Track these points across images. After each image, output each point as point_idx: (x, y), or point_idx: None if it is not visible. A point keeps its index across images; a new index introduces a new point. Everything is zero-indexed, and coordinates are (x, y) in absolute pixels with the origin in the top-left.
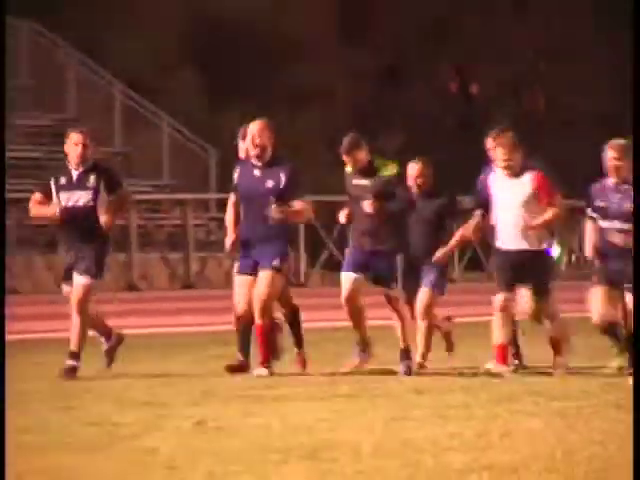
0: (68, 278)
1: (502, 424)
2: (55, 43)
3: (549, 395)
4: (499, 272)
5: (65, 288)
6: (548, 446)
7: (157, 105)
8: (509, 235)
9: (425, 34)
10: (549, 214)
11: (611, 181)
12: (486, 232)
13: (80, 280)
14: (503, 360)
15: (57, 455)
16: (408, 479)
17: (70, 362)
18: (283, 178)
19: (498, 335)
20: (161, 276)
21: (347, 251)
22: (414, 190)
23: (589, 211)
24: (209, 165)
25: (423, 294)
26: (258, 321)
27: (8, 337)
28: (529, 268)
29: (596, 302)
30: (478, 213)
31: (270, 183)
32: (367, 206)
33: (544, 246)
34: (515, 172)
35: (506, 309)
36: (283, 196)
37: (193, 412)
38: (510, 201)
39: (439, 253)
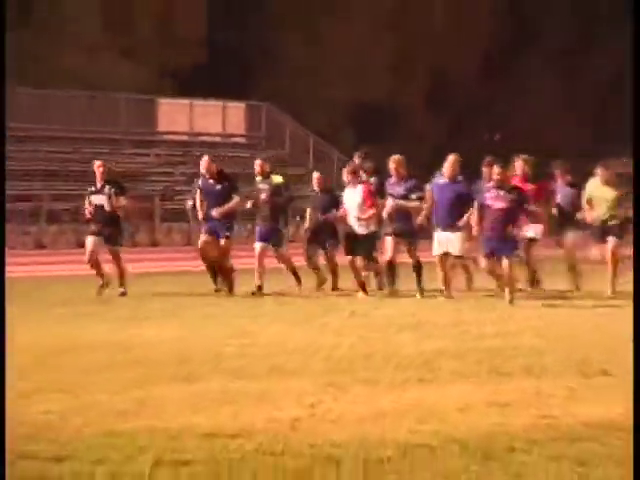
0: (91, 235)
1: (537, 316)
2: (279, 113)
3: (566, 298)
4: (346, 243)
5: (87, 240)
6: (564, 327)
7: (331, 146)
8: (353, 222)
9: (476, 107)
10: (370, 212)
11: (394, 179)
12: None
13: (112, 249)
14: (363, 290)
15: (274, 325)
16: (475, 338)
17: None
18: (226, 184)
19: (357, 278)
20: None
21: (256, 227)
22: (316, 188)
23: (389, 195)
24: None
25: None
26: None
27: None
28: (362, 242)
29: (388, 247)
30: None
31: (219, 187)
32: (264, 197)
33: (371, 229)
34: (354, 184)
35: (353, 263)
36: (229, 193)
37: (348, 306)
38: (353, 202)
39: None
